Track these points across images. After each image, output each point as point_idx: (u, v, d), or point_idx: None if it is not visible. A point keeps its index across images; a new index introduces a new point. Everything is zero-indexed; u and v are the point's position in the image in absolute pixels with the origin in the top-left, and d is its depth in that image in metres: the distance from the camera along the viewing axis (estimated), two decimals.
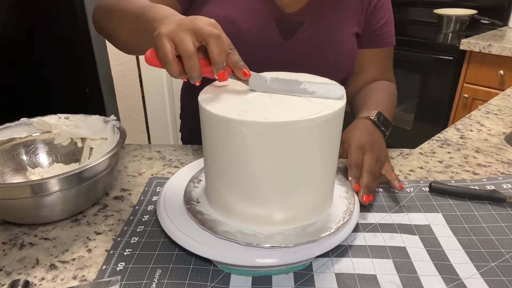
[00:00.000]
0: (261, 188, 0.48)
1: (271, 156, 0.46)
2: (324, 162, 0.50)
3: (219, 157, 0.49)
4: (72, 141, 0.72)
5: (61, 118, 0.71)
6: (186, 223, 0.52)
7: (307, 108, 0.46)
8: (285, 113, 0.45)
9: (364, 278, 0.49)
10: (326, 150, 0.49)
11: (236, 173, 0.48)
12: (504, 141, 0.84)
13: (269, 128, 0.44)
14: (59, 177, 0.53)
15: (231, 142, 0.46)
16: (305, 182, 0.49)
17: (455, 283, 0.48)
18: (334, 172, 0.54)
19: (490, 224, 0.58)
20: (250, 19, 0.75)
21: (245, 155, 0.46)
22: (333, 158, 0.52)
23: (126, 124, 2.10)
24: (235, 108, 0.46)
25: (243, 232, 0.49)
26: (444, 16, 2.09)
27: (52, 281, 0.49)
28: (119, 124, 0.68)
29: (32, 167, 0.69)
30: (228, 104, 0.48)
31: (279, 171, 0.47)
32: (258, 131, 0.44)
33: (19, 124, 0.69)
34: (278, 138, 0.45)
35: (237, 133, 0.45)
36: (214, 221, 0.51)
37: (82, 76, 1.59)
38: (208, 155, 0.52)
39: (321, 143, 0.47)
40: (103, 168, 0.59)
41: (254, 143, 0.45)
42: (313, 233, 0.49)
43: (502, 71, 1.73)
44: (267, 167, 0.46)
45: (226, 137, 0.46)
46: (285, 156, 0.46)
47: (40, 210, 0.55)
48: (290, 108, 0.47)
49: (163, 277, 0.49)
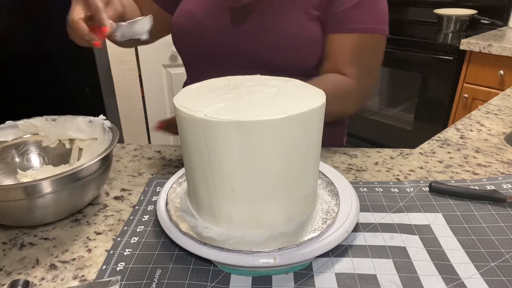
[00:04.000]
0: (256, 189, 0.47)
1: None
2: (298, 161, 0.48)
3: (201, 159, 0.48)
4: (61, 142, 0.71)
5: (48, 119, 0.70)
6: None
7: (282, 106, 0.46)
8: (260, 111, 0.44)
9: (364, 278, 0.49)
10: (303, 148, 0.48)
11: (224, 175, 0.47)
12: (504, 141, 0.84)
13: (243, 126, 0.43)
14: (52, 178, 0.53)
15: (205, 141, 0.46)
16: (286, 183, 0.48)
17: (455, 283, 0.48)
18: (317, 168, 0.54)
19: (490, 224, 0.58)
20: (206, 9, 0.80)
21: (220, 155, 0.45)
22: (316, 153, 0.51)
23: (126, 124, 2.09)
24: (209, 107, 0.46)
25: (242, 239, 0.49)
26: (444, 16, 2.09)
27: (52, 281, 0.49)
28: (110, 123, 0.67)
29: (23, 169, 0.68)
30: (202, 104, 0.47)
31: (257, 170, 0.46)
32: (238, 129, 0.43)
33: (4, 128, 0.68)
34: (251, 135, 0.44)
35: (216, 133, 0.44)
36: (210, 236, 0.50)
37: (82, 76, 1.59)
38: (190, 159, 0.50)
39: (296, 140, 0.46)
40: (96, 168, 0.58)
41: (228, 143, 0.44)
42: (308, 229, 0.50)
43: (502, 71, 1.73)
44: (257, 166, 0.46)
45: (202, 137, 0.45)
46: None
47: (33, 212, 0.55)
48: (263, 106, 0.46)
49: (163, 277, 0.49)
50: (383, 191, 0.66)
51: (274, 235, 0.49)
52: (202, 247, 0.48)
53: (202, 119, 0.44)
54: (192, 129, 0.46)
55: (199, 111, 0.45)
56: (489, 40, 1.76)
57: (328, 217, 0.53)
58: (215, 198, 0.49)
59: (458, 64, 1.86)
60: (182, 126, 0.48)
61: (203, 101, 0.48)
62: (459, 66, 1.86)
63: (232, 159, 0.45)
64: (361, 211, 0.60)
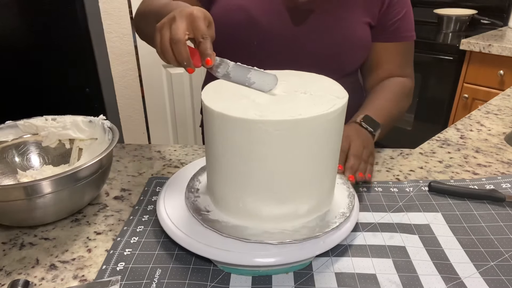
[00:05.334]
0: (285, 186, 0.49)
1: (292, 152, 0.47)
2: (333, 155, 0.52)
3: (235, 159, 0.48)
4: (61, 142, 0.71)
5: (48, 119, 0.70)
6: (186, 222, 0.52)
7: (314, 105, 0.48)
8: (300, 111, 0.46)
9: (364, 277, 0.49)
10: (335, 143, 0.51)
11: (259, 175, 0.48)
12: (504, 141, 0.84)
13: (288, 125, 0.45)
14: (52, 178, 0.53)
15: (251, 143, 0.46)
16: (320, 175, 0.51)
17: (455, 282, 0.48)
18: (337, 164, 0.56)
19: (489, 224, 0.58)
20: (262, 7, 0.78)
21: (266, 155, 0.46)
22: (338, 149, 0.54)
23: (126, 124, 2.09)
24: (248, 108, 0.47)
25: (269, 232, 0.49)
26: (444, 16, 2.09)
27: (52, 281, 0.49)
28: (110, 123, 0.67)
29: (23, 169, 0.68)
30: (236, 103, 0.48)
31: (296, 167, 0.48)
32: (281, 129, 0.45)
33: (4, 128, 0.68)
34: (297, 134, 0.46)
35: (260, 133, 0.45)
36: (236, 227, 0.50)
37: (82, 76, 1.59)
38: (219, 158, 0.50)
39: (332, 136, 0.49)
40: (96, 168, 0.59)
41: (274, 142, 0.45)
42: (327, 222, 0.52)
43: (502, 71, 1.73)
44: (287, 164, 0.47)
45: (246, 138, 0.46)
46: (302, 152, 0.47)
47: (33, 212, 0.55)
48: (299, 106, 0.48)
49: (163, 277, 0.49)
50: (383, 191, 0.66)
51: (310, 225, 0.51)
52: (202, 246, 0.48)
53: (257, 120, 0.44)
54: (228, 127, 0.47)
55: (251, 113, 0.45)
56: (489, 40, 1.76)
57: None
58: (260, 198, 0.50)
59: (458, 64, 1.86)
60: (215, 124, 0.48)
61: (231, 98, 0.49)
62: (459, 66, 1.86)
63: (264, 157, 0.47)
64: (361, 211, 0.60)
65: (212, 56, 0.52)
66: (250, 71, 0.52)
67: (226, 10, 0.80)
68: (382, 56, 0.87)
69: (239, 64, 0.53)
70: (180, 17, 0.52)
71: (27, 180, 0.66)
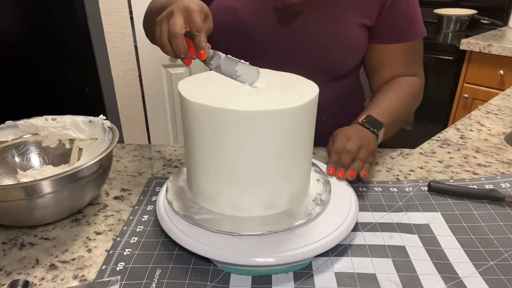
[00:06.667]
0: (255, 174, 0.50)
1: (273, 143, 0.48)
2: (300, 146, 0.53)
3: (204, 147, 0.51)
4: (61, 142, 0.71)
5: (48, 119, 0.70)
6: (186, 222, 0.52)
7: (282, 99, 0.50)
8: (267, 103, 0.48)
9: (363, 277, 0.49)
10: (301, 135, 0.52)
11: (224, 161, 0.50)
12: (504, 141, 0.84)
13: (252, 116, 0.46)
14: (52, 178, 0.53)
15: (215, 131, 0.48)
16: (291, 167, 0.52)
17: (454, 282, 0.48)
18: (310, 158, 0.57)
19: (488, 223, 0.58)
20: (250, 8, 0.79)
21: (232, 144, 0.48)
22: (308, 142, 0.55)
23: (126, 124, 2.10)
24: (217, 97, 0.49)
25: (245, 223, 0.51)
26: (444, 16, 2.09)
27: (52, 281, 0.50)
28: (110, 123, 0.67)
29: (23, 169, 0.68)
30: (210, 94, 0.51)
31: (264, 158, 0.49)
32: (243, 119, 0.46)
33: (4, 128, 0.68)
34: (263, 125, 0.47)
35: (226, 123, 0.47)
36: (212, 220, 0.52)
37: (82, 76, 1.60)
38: (191, 146, 0.53)
39: (296, 128, 0.50)
40: (96, 168, 0.59)
41: (239, 132, 0.47)
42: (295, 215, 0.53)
43: (502, 71, 1.73)
44: (256, 155, 0.49)
45: (210, 126, 0.48)
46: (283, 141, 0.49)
47: (33, 212, 0.55)
48: (269, 99, 0.50)
49: (163, 277, 0.49)
50: (382, 191, 0.66)
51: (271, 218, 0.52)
52: (202, 246, 0.48)
53: (211, 107, 0.47)
54: (200, 117, 0.48)
55: (218, 102, 0.47)
56: (489, 40, 1.76)
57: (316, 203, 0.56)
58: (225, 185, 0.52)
59: (458, 64, 1.86)
60: (190, 114, 0.50)
61: (208, 90, 0.51)
62: (459, 66, 1.86)
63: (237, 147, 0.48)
64: (361, 211, 0.60)
65: (205, 49, 0.54)
66: (237, 64, 0.55)
67: (215, 11, 0.81)
68: (388, 57, 0.84)
69: (229, 56, 0.55)
70: (177, 11, 0.55)
71: (27, 180, 0.66)
